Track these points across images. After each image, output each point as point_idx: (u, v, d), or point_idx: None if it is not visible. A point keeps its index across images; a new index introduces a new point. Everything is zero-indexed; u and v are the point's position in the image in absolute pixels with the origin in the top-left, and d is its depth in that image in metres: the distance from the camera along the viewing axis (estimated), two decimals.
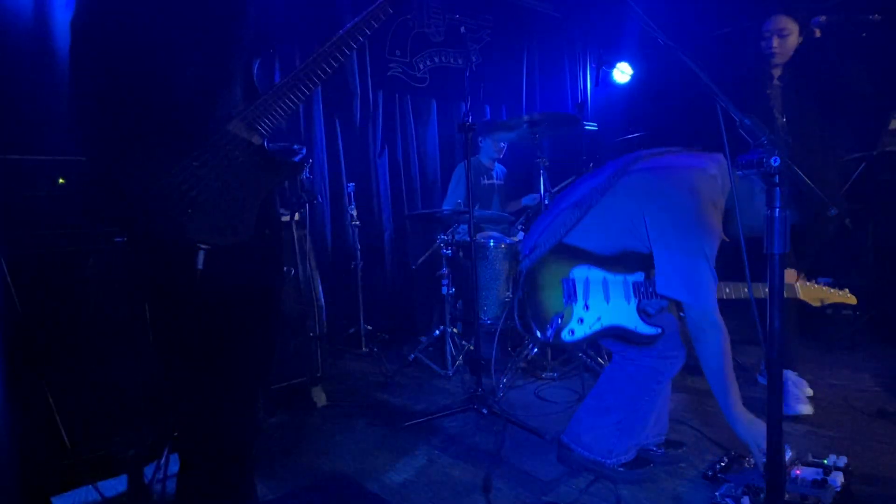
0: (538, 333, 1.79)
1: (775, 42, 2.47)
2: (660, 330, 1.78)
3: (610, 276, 1.79)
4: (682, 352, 1.86)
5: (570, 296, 1.79)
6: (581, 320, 1.78)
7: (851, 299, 1.94)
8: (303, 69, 1.28)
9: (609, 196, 1.80)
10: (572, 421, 2.00)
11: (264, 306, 1.41)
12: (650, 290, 1.75)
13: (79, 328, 1.86)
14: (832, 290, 1.94)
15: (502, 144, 3.96)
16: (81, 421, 1.84)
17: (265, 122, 1.26)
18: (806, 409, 2.36)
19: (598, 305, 1.79)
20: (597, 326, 1.79)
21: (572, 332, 1.78)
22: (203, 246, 1.18)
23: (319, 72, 1.29)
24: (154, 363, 1.80)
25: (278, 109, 1.27)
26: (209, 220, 1.19)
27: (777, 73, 2.55)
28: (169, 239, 1.18)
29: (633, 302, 1.79)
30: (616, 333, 1.81)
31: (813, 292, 1.94)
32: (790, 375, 2.49)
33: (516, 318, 1.87)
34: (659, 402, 1.91)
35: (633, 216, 1.75)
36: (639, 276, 1.79)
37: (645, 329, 1.78)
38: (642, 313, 1.79)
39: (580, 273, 1.79)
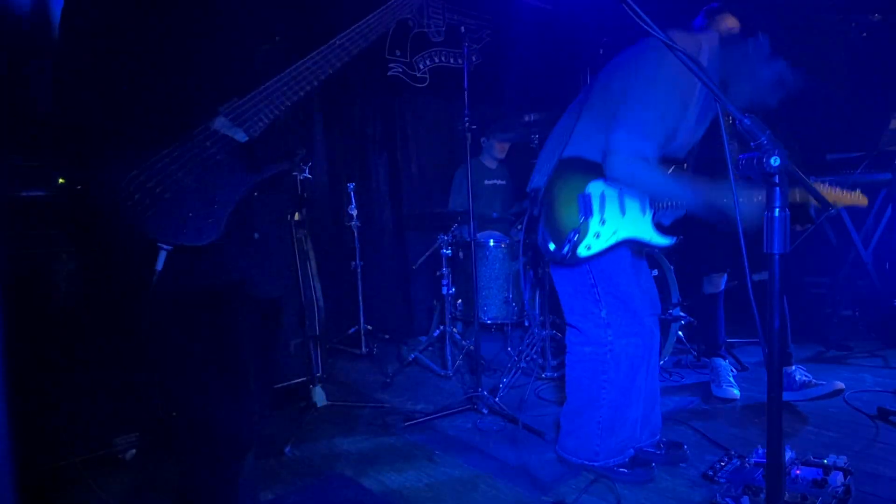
0: (553, 249, 1.78)
1: None
2: (675, 239, 1.80)
3: (626, 190, 1.78)
4: (642, 329, 1.84)
5: (587, 211, 1.77)
6: (598, 235, 1.77)
7: (863, 200, 1.88)
8: (297, 70, 1.23)
9: (595, 90, 1.82)
10: (560, 428, 2.02)
11: (243, 312, 1.33)
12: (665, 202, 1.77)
13: (78, 328, 1.86)
14: (844, 192, 1.88)
15: (506, 145, 3.96)
16: (81, 421, 1.84)
17: (252, 120, 1.20)
18: (734, 392, 2.57)
19: (614, 219, 1.78)
20: (612, 240, 1.78)
21: (589, 247, 1.76)
22: (164, 246, 1.13)
23: (312, 78, 1.23)
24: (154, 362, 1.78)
25: (269, 109, 1.21)
26: (174, 219, 1.13)
27: None
28: (127, 237, 1.12)
29: (649, 214, 1.79)
30: (631, 245, 1.81)
31: (826, 195, 1.84)
32: (722, 363, 2.68)
33: (539, 234, 1.83)
34: (634, 393, 1.87)
35: (615, 95, 1.74)
36: None
37: (660, 240, 1.79)
38: (657, 226, 1.80)
39: (596, 188, 1.77)
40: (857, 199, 1.87)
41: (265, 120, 1.21)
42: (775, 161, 0.99)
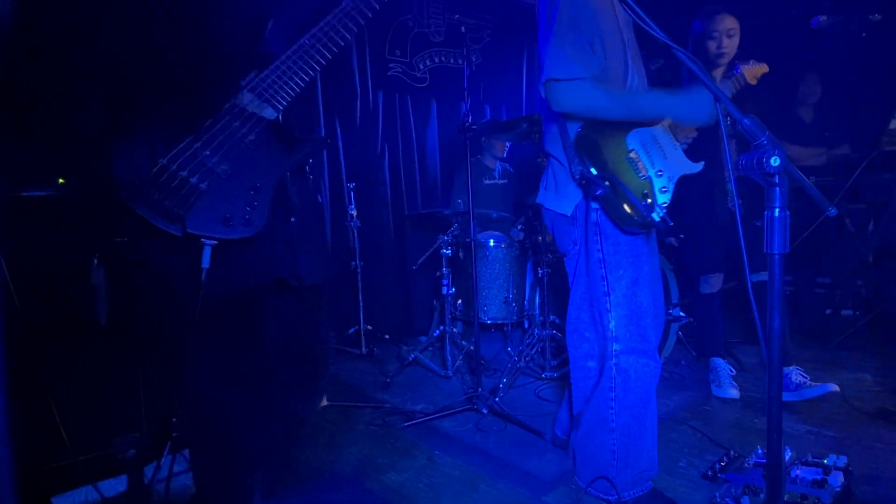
0: (640, 220, 1.62)
1: (725, 42, 2.48)
2: (703, 163, 1.75)
3: (653, 131, 1.71)
4: (652, 350, 1.70)
5: (643, 169, 1.67)
6: (664, 189, 1.67)
7: (765, 67, 2.25)
8: (320, 31, 1.14)
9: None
10: (575, 457, 1.87)
11: (286, 305, 1.27)
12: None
13: (79, 328, 1.86)
14: (758, 65, 2.25)
15: (506, 144, 3.97)
16: (81, 421, 1.84)
17: (280, 94, 1.11)
18: (734, 392, 2.59)
19: (665, 165, 1.69)
20: (671, 186, 1.68)
21: (664, 205, 1.66)
22: (209, 241, 1.04)
23: (346, 30, 1.15)
24: (155, 362, 1.77)
25: (294, 80, 1.12)
26: (216, 210, 1.03)
27: (718, 74, 2.56)
28: (168, 233, 1.04)
29: (678, 146, 1.73)
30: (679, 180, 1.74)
31: (753, 72, 2.24)
32: (721, 363, 2.69)
33: (630, 204, 1.66)
34: (650, 420, 1.73)
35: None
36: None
37: (695, 167, 1.74)
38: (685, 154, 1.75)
39: (633, 142, 1.67)
40: (763, 67, 2.22)
41: (291, 93, 1.13)
42: (775, 161, 0.99)
